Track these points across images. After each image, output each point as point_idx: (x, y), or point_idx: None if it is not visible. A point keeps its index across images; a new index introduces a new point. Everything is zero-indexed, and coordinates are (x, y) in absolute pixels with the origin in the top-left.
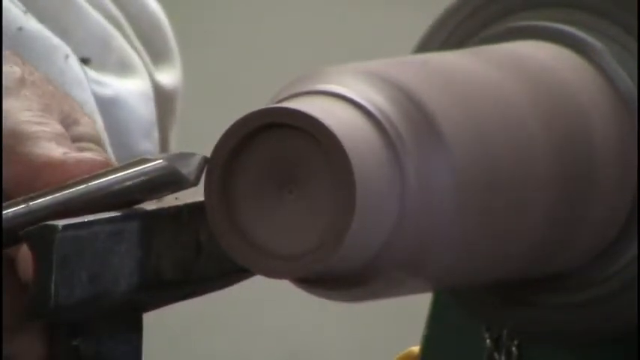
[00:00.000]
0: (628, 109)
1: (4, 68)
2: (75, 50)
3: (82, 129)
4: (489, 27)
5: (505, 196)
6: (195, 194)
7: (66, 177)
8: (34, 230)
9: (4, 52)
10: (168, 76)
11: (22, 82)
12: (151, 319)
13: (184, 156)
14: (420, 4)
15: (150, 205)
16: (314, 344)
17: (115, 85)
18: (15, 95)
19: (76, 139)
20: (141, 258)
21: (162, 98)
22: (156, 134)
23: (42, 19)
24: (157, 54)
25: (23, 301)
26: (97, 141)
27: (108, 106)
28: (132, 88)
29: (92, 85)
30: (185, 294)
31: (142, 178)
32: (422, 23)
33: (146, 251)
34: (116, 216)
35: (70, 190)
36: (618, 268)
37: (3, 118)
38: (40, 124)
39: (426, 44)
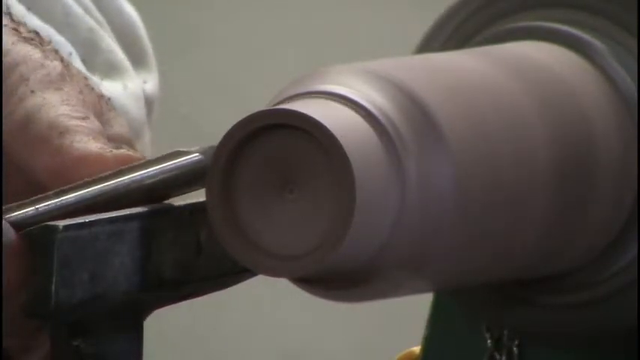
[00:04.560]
0: (628, 109)
1: (46, 62)
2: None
3: (116, 129)
4: (490, 27)
5: (505, 196)
6: (196, 194)
7: (102, 171)
8: (35, 230)
9: (47, 47)
10: (147, 82)
11: (62, 76)
12: (151, 319)
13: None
14: (420, 4)
15: (150, 206)
16: (314, 344)
17: (106, 86)
18: (55, 89)
19: (109, 139)
20: (141, 258)
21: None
22: (147, 134)
23: (38, 17)
24: (135, 60)
25: (23, 301)
26: (129, 142)
27: None
28: (121, 89)
29: None
30: (185, 294)
31: (176, 172)
32: (422, 23)
33: (146, 251)
34: (117, 216)
35: (104, 184)
36: (618, 269)
37: (42, 110)
38: (78, 118)
39: (427, 44)
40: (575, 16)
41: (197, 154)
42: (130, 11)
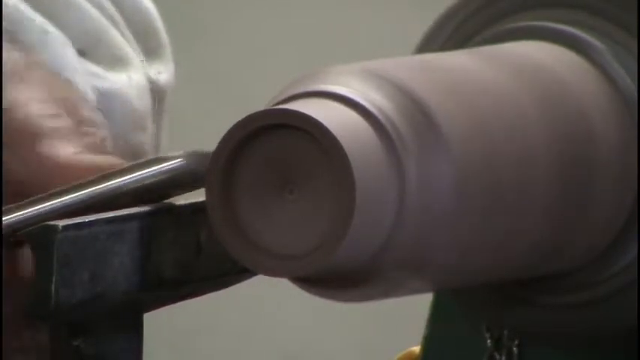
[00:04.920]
0: (628, 109)
1: (5, 54)
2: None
3: (98, 134)
4: (490, 27)
5: (505, 196)
6: (196, 194)
7: (79, 177)
8: (35, 230)
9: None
10: (162, 73)
11: (28, 68)
12: (151, 319)
13: (201, 154)
14: (420, 4)
15: (150, 205)
16: (314, 344)
17: (109, 77)
18: (23, 82)
19: (93, 144)
20: (141, 258)
21: (156, 94)
22: (150, 126)
23: (35, 9)
24: (150, 51)
25: (23, 301)
26: (103, 143)
27: (101, 97)
28: (126, 80)
29: (87, 76)
30: (185, 294)
31: (161, 177)
32: (422, 23)
33: (146, 251)
34: (116, 216)
35: (87, 190)
36: (618, 269)
37: (13, 107)
38: (51, 117)
39: (427, 44)
40: (575, 16)
41: (180, 159)
42: (148, 4)
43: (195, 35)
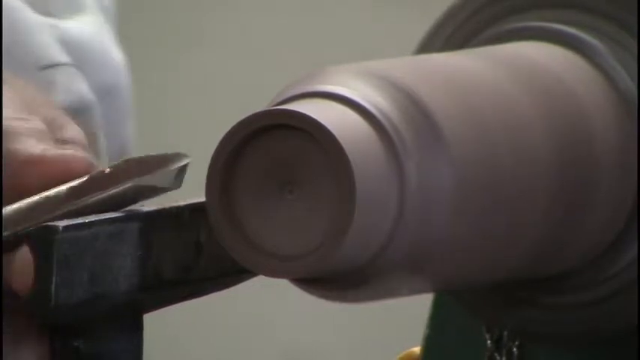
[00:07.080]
0: (628, 109)
1: None
2: None
3: (68, 133)
4: (490, 28)
5: (505, 197)
6: (196, 194)
7: (46, 173)
8: (35, 231)
9: None
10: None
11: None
12: (151, 319)
13: (164, 158)
14: (420, 4)
15: (150, 206)
16: (313, 344)
17: (69, 24)
18: None
19: (62, 143)
20: (141, 258)
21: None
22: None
23: None
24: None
25: (23, 302)
26: (83, 145)
27: (104, 94)
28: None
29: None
30: (185, 294)
31: (111, 201)
32: (422, 23)
33: (146, 252)
34: (116, 216)
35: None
36: (618, 269)
37: None
38: (20, 119)
39: (427, 45)
40: (574, 17)
41: (130, 184)
42: None
43: (195, 36)
